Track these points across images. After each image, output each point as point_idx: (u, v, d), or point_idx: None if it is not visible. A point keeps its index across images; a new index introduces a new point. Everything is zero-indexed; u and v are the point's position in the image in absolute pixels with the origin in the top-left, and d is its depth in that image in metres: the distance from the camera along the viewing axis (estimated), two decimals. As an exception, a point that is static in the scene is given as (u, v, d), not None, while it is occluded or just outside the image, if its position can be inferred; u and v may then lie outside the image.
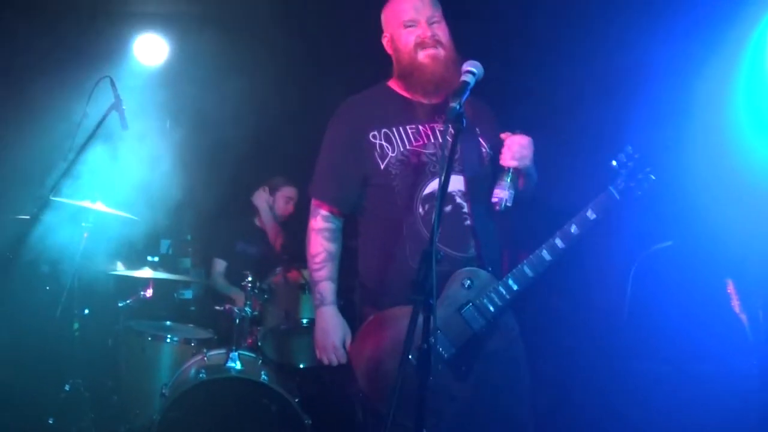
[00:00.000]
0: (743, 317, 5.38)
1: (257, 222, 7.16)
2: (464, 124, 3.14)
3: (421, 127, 3.74)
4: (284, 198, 7.21)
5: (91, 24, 7.03)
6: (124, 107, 5.36)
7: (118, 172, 6.00)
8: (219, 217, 7.27)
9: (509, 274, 3.61)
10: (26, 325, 5.74)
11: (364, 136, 3.75)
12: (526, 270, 3.59)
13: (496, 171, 3.74)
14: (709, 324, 5.44)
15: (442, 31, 3.77)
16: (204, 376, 4.92)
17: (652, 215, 5.60)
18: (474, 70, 3.35)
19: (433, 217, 2.99)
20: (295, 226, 6.79)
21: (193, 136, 7.13)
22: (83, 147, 5.11)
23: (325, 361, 3.81)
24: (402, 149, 3.70)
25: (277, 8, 6.79)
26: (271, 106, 7.16)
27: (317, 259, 3.84)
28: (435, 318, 2.89)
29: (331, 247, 3.85)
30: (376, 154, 3.72)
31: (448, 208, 3.68)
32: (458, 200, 3.70)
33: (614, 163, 3.69)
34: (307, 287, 5.39)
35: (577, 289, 5.88)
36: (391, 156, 3.71)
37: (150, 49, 7.46)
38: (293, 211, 7.19)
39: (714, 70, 5.73)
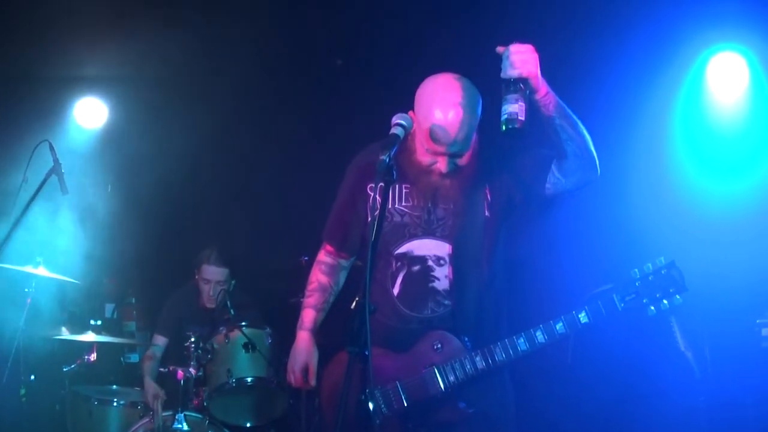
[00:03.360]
0: (689, 354, 5.45)
1: (203, 302, 6.05)
2: (394, 177, 3.06)
3: (416, 188, 3.64)
4: (204, 282, 5.99)
5: (29, 90, 7.02)
6: (63, 171, 5.34)
7: (60, 237, 5.99)
8: (165, 292, 6.43)
9: (479, 352, 3.47)
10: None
11: (364, 186, 3.76)
12: (497, 353, 3.45)
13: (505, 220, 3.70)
14: (655, 362, 5.50)
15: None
16: (150, 439, 4.92)
17: (591, 258, 5.69)
18: (403, 122, 3.22)
19: (368, 272, 2.95)
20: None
21: (135, 199, 7.10)
22: (24, 212, 5.10)
23: (291, 382, 3.97)
24: (388, 206, 3.58)
25: (213, 66, 6.86)
26: (215, 163, 7.16)
27: (308, 287, 4.01)
28: (370, 369, 2.90)
29: (325, 279, 3.99)
30: (368, 206, 3.70)
31: (416, 268, 3.65)
32: (429, 263, 3.65)
33: (636, 272, 3.38)
34: (250, 346, 5.40)
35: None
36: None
37: (90, 113, 7.44)
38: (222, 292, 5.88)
39: (651, 107, 5.88)
